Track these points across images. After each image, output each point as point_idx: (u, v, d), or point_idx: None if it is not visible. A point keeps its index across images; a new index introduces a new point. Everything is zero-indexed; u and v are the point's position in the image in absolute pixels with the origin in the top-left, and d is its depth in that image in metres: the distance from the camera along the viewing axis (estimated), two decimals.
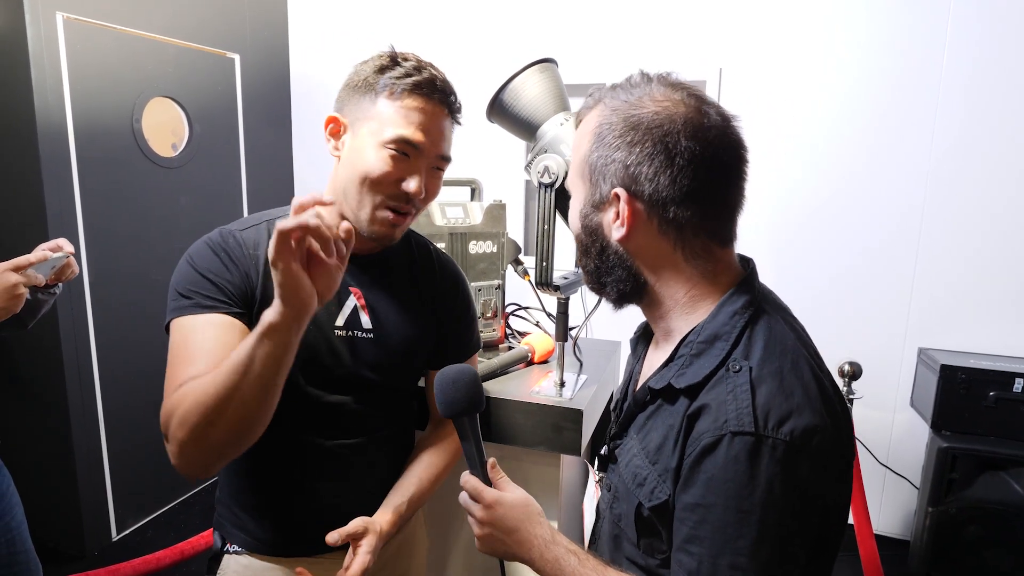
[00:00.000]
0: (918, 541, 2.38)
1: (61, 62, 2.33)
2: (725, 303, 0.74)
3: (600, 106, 0.77)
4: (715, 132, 0.72)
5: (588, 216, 0.78)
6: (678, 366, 0.75)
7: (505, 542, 0.83)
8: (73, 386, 2.44)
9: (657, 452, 0.74)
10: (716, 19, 2.72)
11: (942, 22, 2.45)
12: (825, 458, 0.66)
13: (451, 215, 1.44)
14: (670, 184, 0.71)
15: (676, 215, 0.72)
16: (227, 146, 3.12)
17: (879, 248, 2.64)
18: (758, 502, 0.63)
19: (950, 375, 2.31)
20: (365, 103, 0.97)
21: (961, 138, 2.49)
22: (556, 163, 1.23)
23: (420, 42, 3.01)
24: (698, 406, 0.69)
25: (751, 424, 0.64)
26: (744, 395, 0.66)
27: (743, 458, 0.64)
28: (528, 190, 3.15)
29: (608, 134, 0.74)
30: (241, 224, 1.03)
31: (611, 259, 0.78)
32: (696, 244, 0.74)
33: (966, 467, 2.27)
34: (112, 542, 2.65)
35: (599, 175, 0.75)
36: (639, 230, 0.74)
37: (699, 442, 0.67)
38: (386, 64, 0.96)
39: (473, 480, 0.87)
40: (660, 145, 0.70)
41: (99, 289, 2.52)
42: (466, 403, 0.89)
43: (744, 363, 0.69)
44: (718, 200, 0.74)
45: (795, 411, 0.65)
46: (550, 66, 1.29)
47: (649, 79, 0.76)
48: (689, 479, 0.68)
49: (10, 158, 2.34)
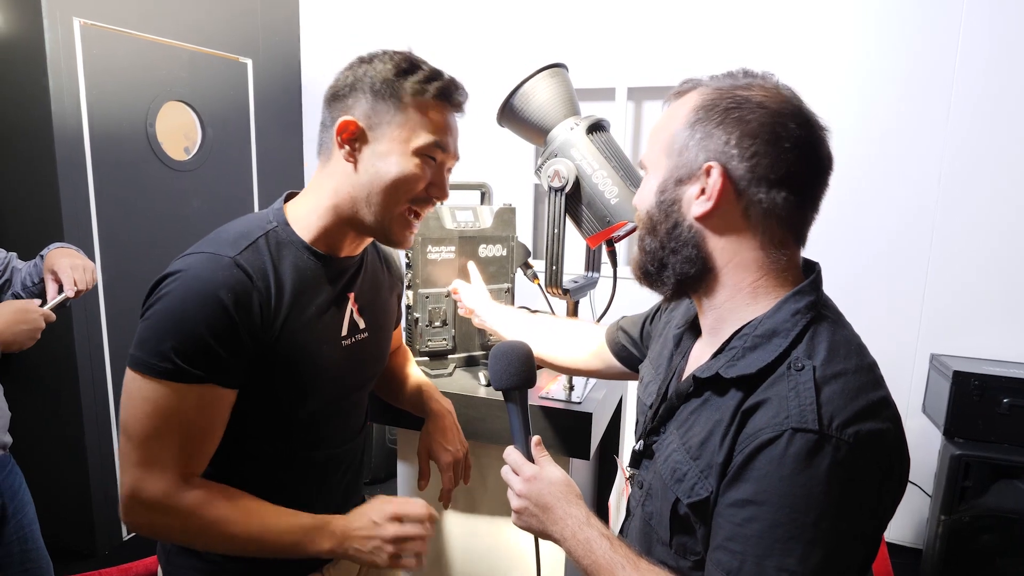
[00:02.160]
0: (930, 549, 2.35)
1: (78, 67, 2.36)
2: (788, 300, 0.73)
3: (699, 90, 0.76)
4: (819, 129, 0.73)
5: (666, 191, 0.76)
6: (728, 357, 0.73)
7: (540, 518, 0.83)
8: (86, 386, 2.46)
9: (700, 447, 0.72)
10: (730, 21, 2.72)
11: (954, 23, 2.43)
12: (887, 466, 0.65)
13: (461, 219, 1.44)
14: (770, 165, 0.70)
15: (766, 198, 0.71)
16: (239, 150, 3.15)
17: (890, 252, 2.62)
18: (815, 504, 0.61)
19: (963, 381, 2.28)
20: (388, 108, 0.92)
21: (974, 139, 2.47)
22: (566, 167, 1.24)
23: (431, 47, 3.02)
24: (755, 401, 0.68)
25: (815, 422, 0.62)
26: (808, 393, 0.65)
27: (803, 456, 0.62)
28: (537, 194, 3.16)
29: (712, 110, 0.72)
30: (235, 244, 0.89)
31: (682, 237, 0.75)
32: (777, 235, 0.73)
33: (980, 475, 2.24)
34: (123, 541, 2.67)
35: (692, 149, 0.73)
36: (723, 208, 0.72)
37: (756, 438, 0.65)
38: (406, 67, 0.93)
39: (515, 454, 0.88)
40: (769, 126, 0.70)
41: (112, 291, 2.55)
42: (517, 377, 0.91)
43: (808, 362, 0.67)
44: (808, 193, 0.73)
45: (861, 414, 0.64)
46: (561, 71, 1.30)
47: (754, 74, 0.76)
48: (739, 475, 0.66)
49: (27, 161, 2.37)
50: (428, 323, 1.44)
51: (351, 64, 0.97)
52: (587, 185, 1.24)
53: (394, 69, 0.93)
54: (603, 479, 1.75)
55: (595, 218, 1.27)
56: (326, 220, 0.97)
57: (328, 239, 0.98)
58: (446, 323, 1.46)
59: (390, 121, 0.93)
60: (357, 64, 0.95)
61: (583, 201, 1.26)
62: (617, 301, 1.37)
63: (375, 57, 0.95)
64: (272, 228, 0.95)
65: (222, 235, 0.92)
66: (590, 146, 1.24)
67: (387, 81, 0.92)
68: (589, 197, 1.25)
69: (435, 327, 1.45)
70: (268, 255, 0.92)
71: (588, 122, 1.25)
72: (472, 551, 1.45)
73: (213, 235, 0.93)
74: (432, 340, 1.45)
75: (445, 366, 1.48)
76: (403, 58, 0.95)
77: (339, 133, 0.92)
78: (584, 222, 1.29)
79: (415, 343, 1.45)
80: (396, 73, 0.93)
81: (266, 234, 0.94)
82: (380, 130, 0.93)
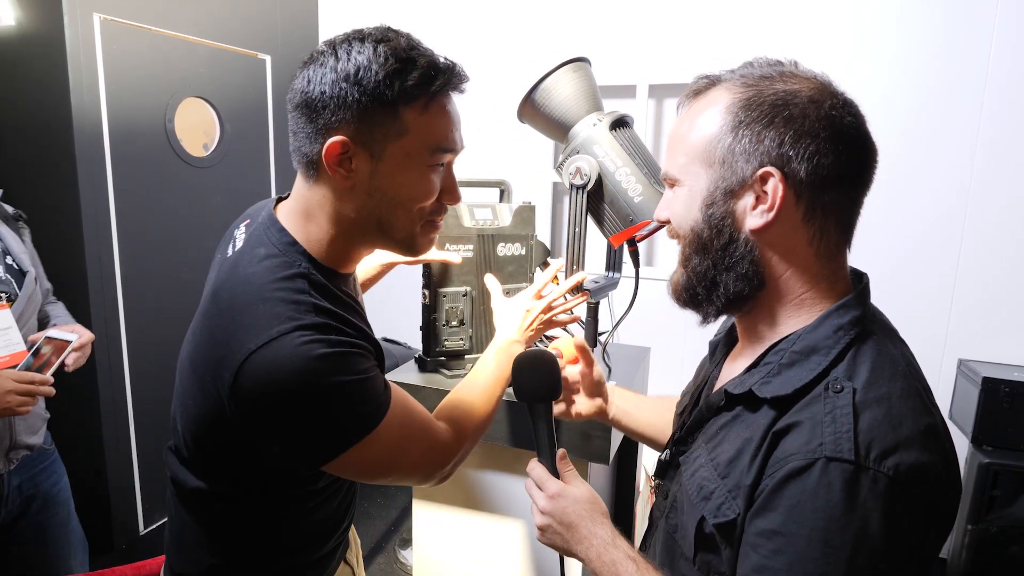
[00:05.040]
0: (956, 559, 2.29)
1: (97, 62, 2.37)
2: (831, 314, 0.68)
3: (726, 87, 0.70)
4: (862, 115, 0.68)
5: (715, 204, 0.69)
6: (763, 373, 0.69)
7: (564, 536, 0.80)
8: (104, 383, 2.48)
9: (728, 465, 0.68)
10: (756, 16, 2.67)
11: (988, 20, 2.36)
12: (931, 501, 0.59)
13: (480, 217, 1.41)
14: (833, 164, 0.65)
15: (829, 200, 0.66)
16: (258, 146, 3.15)
17: (918, 255, 2.55)
18: (850, 539, 0.57)
19: (993, 388, 2.22)
20: (384, 118, 0.79)
21: (1006, 138, 2.39)
22: (589, 164, 1.21)
23: (450, 42, 3.00)
24: (788, 423, 0.63)
25: (851, 452, 0.58)
26: (845, 418, 0.60)
27: (838, 488, 0.57)
28: (556, 192, 3.12)
29: (755, 109, 0.66)
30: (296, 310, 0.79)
31: (737, 253, 0.69)
32: (833, 238, 0.69)
33: (1009, 484, 2.18)
34: (139, 536, 2.69)
35: (740, 155, 0.66)
36: (783, 217, 0.66)
37: (786, 463, 0.61)
38: (397, 68, 0.77)
39: (540, 468, 0.85)
40: (825, 121, 0.64)
41: (130, 287, 2.56)
42: (543, 389, 0.89)
43: (847, 384, 0.62)
44: (865, 187, 0.69)
45: (903, 444, 0.59)
46: (583, 65, 1.27)
47: (780, 63, 0.70)
48: (769, 503, 0.61)
49: (47, 157, 2.39)
50: (445, 322, 1.42)
51: (317, 58, 0.80)
52: (610, 183, 1.21)
53: (383, 72, 0.77)
54: (622, 484, 1.72)
55: (618, 216, 1.23)
56: (340, 245, 0.86)
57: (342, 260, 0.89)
58: (463, 323, 1.44)
59: (387, 132, 0.79)
60: (329, 57, 0.78)
61: (605, 199, 1.23)
62: (638, 303, 1.33)
63: (352, 49, 0.78)
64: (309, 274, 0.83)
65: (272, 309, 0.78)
66: (613, 143, 1.20)
67: (377, 88, 0.77)
68: (612, 195, 1.22)
69: (452, 327, 1.43)
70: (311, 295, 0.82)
71: (611, 118, 1.22)
72: (500, 558, 1.43)
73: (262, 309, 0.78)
74: (449, 340, 1.43)
75: (462, 366, 1.45)
76: (390, 53, 0.77)
77: (328, 156, 0.78)
78: (606, 220, 1.26)
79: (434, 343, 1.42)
80: (388, 76, 0.77)
81: (309, 283, 0.82)
82: (378, 146, 0.80)
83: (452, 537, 1.45)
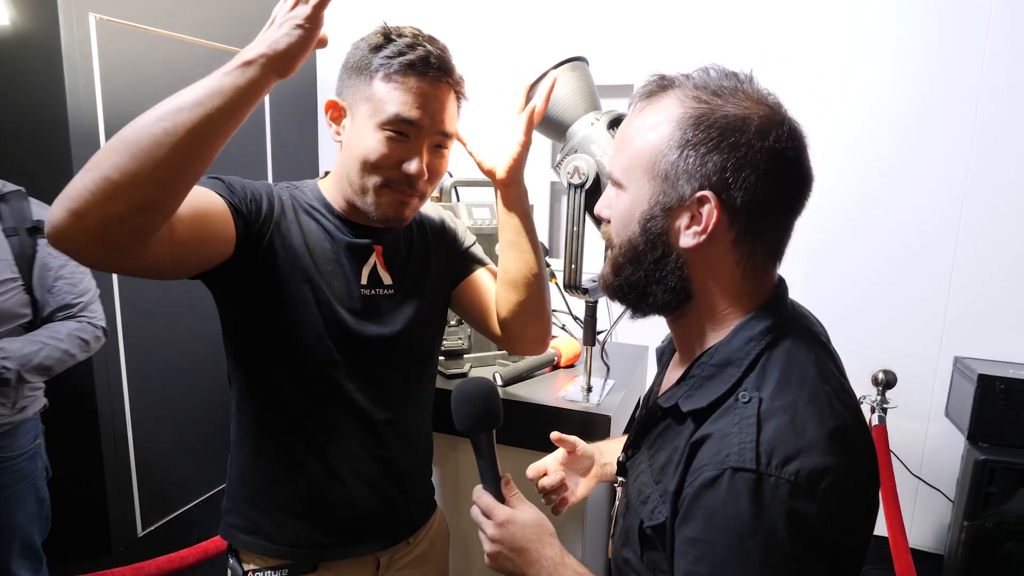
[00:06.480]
0: (952, 556, 2.30)
1: (93, 62, 2.36)
2: (743, 327, 0.70)
3: (677, 96, 0.70)
4: (804, 141, 0.69)
5: (654, 220, 0.70)
6: (688, 387, 0.72)
7: (515, 561, 0.81)
8: (101, 383, 2.47)
9: (661, 471, 0.72)
10: (752, 16, 2.67)
11: (983, 21, 2.38)
12: (838, 501, 0.60)
13: (478, 216, 1.42)
14: (769, 194, 0.66)
15: (761, 226, 0.68)
16: (254, 145, 3.15)
17: (914, 252, 2.56)
18: (760, 544, 0.59)
19: (988, 385, 2.23)
20: (361, 85, 0.94)
21: (1002, 138, 2.41)
22: (587, 163, 1.21)
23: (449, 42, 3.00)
24: (703, 434, 0.66)
25: (752, 461, 0.60)
26: (749, 429, 0.62)
27: (744, 496, 0.59)
28: (553, 191, 3.13)
29: (700, 131, 0.66)
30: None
31: (668, 267, 0.71)
32: (760, 260, 0.70)
33: (1004, 480, 2.19)
34: (137, 538, 2.68)
35: (680, 175, 0.67)
36: (715, 240, 0.68)
37: (701, 473, 0.63)
38: (380, 43, 0.93)
39: (486, 496, 0.86)
40: (768, 153, 0.65)
41: (127, 288, 2.55)
42: (483, 419, 0.87)
43: (755, 394, 0.64)
44: (795, 214, 0.70)
45: (805, 450, 0.60)
46: (581, 65, 1.27)
47: (736, 76, 0.70)
48: (689, 512, 0.64)
49: (43, 157, 2.38)
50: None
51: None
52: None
53: (371, 45, 0.94)
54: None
55: None
56: (334, 193, 1.02)
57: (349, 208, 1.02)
58: (462, 322, 1.44)
59: (361, 97, 0.94)
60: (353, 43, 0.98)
61: None
62: None
63: (367, 35, 0.96)
64: (296, 187, 1.04)
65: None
66: (611, 142, 1.21)
67: (362, 58, 0.94)
68: None
69: (451, 326, 1.43)
70: (290, 195, 1.02)
71: (609, 117, 1.22)
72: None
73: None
74: (447, 339, 1.43)
75: (460, 365, 1.46)
76: (382, 33, 0.94)
77: (326, 113, 0.98)
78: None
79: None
80: (371, 48, 0.93)
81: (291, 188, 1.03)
82: (355, 108, 0.95)
83: None
